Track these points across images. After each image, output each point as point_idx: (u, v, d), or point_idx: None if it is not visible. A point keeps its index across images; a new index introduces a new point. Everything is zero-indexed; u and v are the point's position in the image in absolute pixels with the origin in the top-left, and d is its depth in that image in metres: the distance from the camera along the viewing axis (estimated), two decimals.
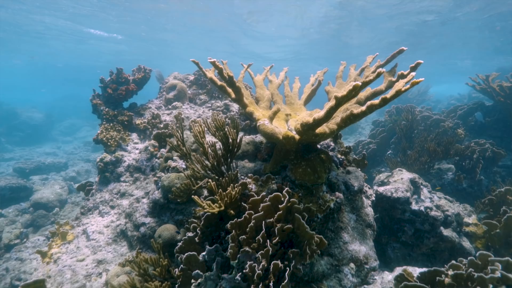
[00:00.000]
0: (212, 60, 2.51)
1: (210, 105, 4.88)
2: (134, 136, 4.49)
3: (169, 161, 3.53)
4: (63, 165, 10.34)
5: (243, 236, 2.46)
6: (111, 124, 4.35)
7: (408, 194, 3.71)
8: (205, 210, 2.55)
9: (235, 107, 4.80)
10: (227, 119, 4.41)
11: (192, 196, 2.62)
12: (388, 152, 6.55)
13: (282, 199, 2.54)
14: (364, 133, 11.88)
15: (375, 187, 4.23)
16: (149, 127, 4.37)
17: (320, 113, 2.28)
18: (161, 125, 4.22)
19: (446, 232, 3.55)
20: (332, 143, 3.84)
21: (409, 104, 7.29)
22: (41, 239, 4.34)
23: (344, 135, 12.26)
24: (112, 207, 3.74)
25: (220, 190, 2.65)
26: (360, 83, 1.80)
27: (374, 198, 3.89)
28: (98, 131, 4.31)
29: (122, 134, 4.32)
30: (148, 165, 3.92)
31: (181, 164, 3.44)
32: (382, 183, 4.31)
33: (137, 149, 4.29)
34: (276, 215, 2.48)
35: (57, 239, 3.26)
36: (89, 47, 21.54)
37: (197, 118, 4.49)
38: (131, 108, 4.85)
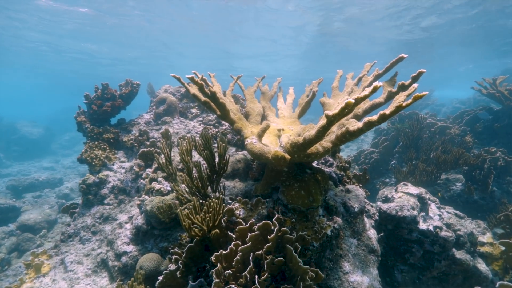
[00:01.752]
0: (190, 76, 2.28)
1: (201, 119, 4.64)
2: (120, 154, 4.25)
3: (153, 182, 3.27)
4: (58, 181, 10.10)
5: (229, 271, 2.17)
6: (96, 143, 4.11)
7: (415, 212, 3.39)
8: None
9: None
10: (218, 133, 4.16)
11: (179, 209, 2.36)
12: (392, 162, 6.23)
13: (272, 227, 2.26)
14: (367, 141, 11.54)
15: (378, 203, 3.92)
16: (136, 144, 4.13)
17: (310, 132, 2.01)
18: (148, 143, 3.98)
19: (459, 254, 3.22)
20: (330, 158, 3.57)
21: (413, 111, 6.99)
22: (23, 266, 4.06)
23: (347, 143, 11.93)
24: (94, 233, 3.47)
25: (204, 209, 2.39)
26: (353, 100, 1.53)
27: (377, 217, 3.57)
28: (82, 150, 4.08)
29: (108, 153, 4.08)
30: (133, 186, 3.67)
31: (166, 186, 3.17)
32: (386, 199, 3.99)
33: (123, 168, 4.04)
34: (265, 247, 2.20)
35: (31, 271, 3.00)
36: (86, 62, 21.78)
37: (187, 133, 4.25)
38: (118, 125, 4.62)
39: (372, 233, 3.04)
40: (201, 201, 2.73)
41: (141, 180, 3.59)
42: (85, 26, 13.61)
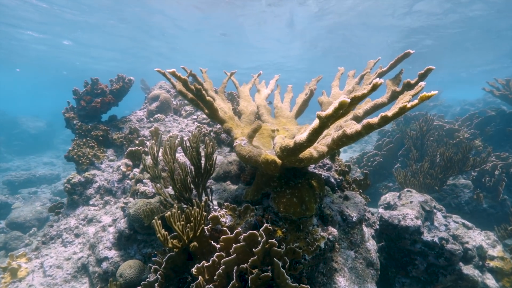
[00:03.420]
0: (172, 70, 2.06)
1: (195, 117, 4.43)
2: (110, 152, 4.07)
3: (138, 184, 3.07)
4: (55, 177, 9.98)
5: (211, 285, 1.97)
6: (84, 140, 3.94)
7: (419, 222, 3.14)
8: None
9: None
10: (211, 132, 3.95)
11: (154, 219, 2.15)
12: (396, 166, 5.95)
13: (259, 239, 2.04)
14: (371, 142, 11.23)
15: (380, 210, 3.68)
16: (125, 142, 3.94)
17: (302, 136, 1.78)
18: (137, 141, 3.78)
19: (466, 269, 2.97)
20: (328, 161, 3.33)
21: (419, 112, 6.69)
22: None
23: None
24: (77, 236, 3.30)
25: (183, 216, 2.18)
26: (349, 100, 1.30)
27: (378, 226, 3.34)
28: (70, 148, 3.90)
29: (96, 151, 3.90)
30: (120, 187, 3.48)
31: (151, 188, 2.97)
32: (388, 206, 3.75)
33: (111, 167, 3.86)
34: (250, 260, 1.98)
35: (7, 275, 2.83)
36: (90, 57, 21.76)
37: (179, 132, 4.04)
38: (110, 122, 4.44)
39: (371, 244, 2.80)
40: (184, 206, 2.52)
41: (128, 181, 3.41)
42: (88, 26, 13.57)
